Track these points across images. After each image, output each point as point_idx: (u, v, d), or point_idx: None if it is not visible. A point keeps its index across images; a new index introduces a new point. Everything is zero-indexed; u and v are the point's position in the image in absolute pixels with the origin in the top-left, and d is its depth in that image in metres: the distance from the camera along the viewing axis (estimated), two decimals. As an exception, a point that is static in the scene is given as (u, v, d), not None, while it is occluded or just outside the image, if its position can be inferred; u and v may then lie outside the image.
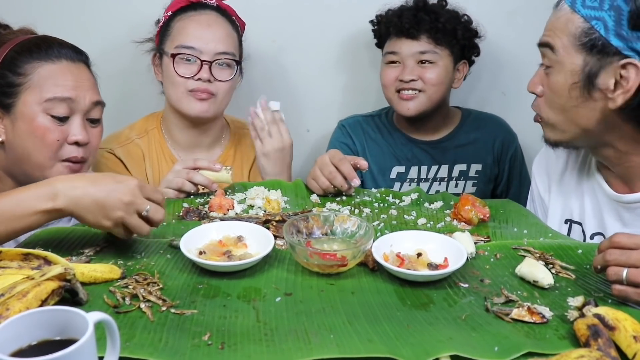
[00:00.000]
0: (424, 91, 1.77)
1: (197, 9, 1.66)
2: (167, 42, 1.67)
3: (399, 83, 1.78)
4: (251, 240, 1.15)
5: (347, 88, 2.09)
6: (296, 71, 2.04)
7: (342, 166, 1.43)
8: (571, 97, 1.20)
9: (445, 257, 1.09)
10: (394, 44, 1.79)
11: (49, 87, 1.32)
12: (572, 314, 0.94)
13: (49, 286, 0.90)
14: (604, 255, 1.00)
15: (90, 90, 1.38)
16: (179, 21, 1.66)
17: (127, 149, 1.71)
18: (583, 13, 1.16)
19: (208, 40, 1.62)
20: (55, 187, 1.06)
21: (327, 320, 0.93)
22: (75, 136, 1.34)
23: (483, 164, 1.89)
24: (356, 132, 1.91)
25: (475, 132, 1.90)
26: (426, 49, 1.76)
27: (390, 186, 1.88)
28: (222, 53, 1.64)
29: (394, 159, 1.89)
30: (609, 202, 1.30)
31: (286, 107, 2.05)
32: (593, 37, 1.15)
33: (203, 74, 1.62)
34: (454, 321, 0.94)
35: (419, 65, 1.77)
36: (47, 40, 1.38)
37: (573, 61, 1.18)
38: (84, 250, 1.13)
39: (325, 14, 1.99)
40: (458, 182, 1.89)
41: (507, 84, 2.06)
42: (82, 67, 1.39)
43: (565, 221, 1.39)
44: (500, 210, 1.39)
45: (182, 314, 0.94)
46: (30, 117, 1.31)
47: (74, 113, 1.34)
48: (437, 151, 1.89)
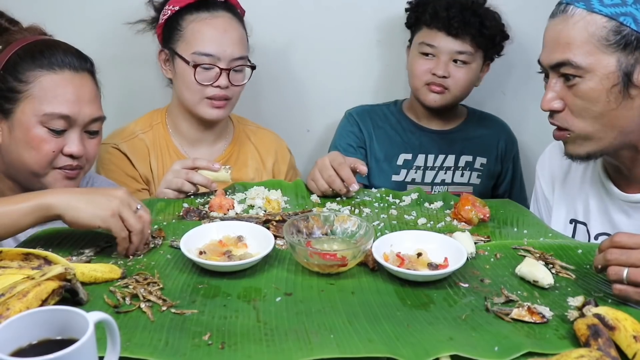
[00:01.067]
0: (451, 89, 1.79)
1: (209, 10, 1.63)
2: (180, 44, 1.64)
3: (430, 76, 1.78)
4: (251, 240, 1.15)
5: (348, 88, 2.09)
6: (296, 71, 2.04)
7: (341, 171, 1.43)
8: (610, 101, 1.15)
9: (446, 257, 1.09)
10: (433, 37, 1.77)
11: (49, 101, 1.30)
12: (572, 313, 0.94)
13: (49, 286, 0.90)
14: (605, 255, 1.00)
15: (92, 104, 1.35)
16: (192, 23, 1.63)
17: (132, 143, 1.70)
18: (606, 12, 1.12)
19: (225, 46, 1.62)
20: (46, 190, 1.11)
21: (327, 320, 0.93)
22: (70, 149, 1.33)
23: (488, 158, 1.92)
24: (364, 120, 1.92)
25: (482, 129, 1.93)
26: (465, 50, 1.76)
27: (396, 172, 1.89)
28: (238, 58, 1.64)
29: (401, 146, 1.90)
30: (616, 203, 1.29)
31: (287, 107, 2.06)
32: (625, 34, 1.12)
33: (222, 81, 1.62)
34: (454, 321, 0.94)
35: (452, 62, 1.77)
36: (52, 46, 1.35)
37: (605, 64, 1.14)
38: (84, 250, 1.13)
39: (326, 14, 1.99)
40: (464, 172, 1.91)
41: (507, 84, 2.06)
42: (86, 78, 1.36)
43: (570, 221, 1.39)
44: (500, 210, 1.39)
45: (183, 314, 0.94)
46: (27, 127, 1.30)
47: (71, 127, 1.33)
48: (445, 141, 1.90)
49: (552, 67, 1.19)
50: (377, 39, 1.92)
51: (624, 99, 1.15)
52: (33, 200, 1.08)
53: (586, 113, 1.18)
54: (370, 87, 2.09)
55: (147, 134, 1.73)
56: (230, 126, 1.83)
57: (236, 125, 1.84)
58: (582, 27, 1.14)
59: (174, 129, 1.75)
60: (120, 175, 1.66)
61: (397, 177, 1.89)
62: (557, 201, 1.42)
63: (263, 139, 1.84)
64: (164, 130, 1.75)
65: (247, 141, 1.83)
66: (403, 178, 1.89)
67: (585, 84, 1.16)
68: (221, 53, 1.61)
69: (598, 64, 1.14)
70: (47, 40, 1.39)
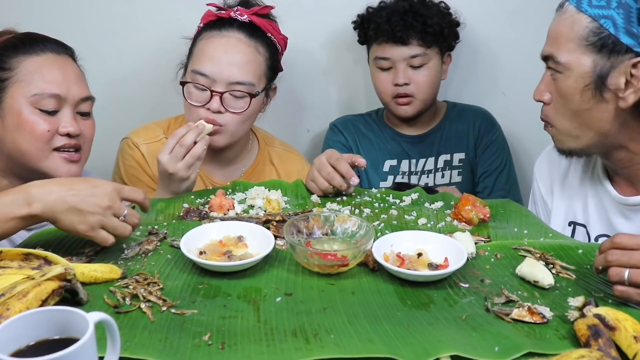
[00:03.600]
0: (416, 96, 1.80)
1: (221, 29, 1.57)
2: (190, 61, 1.60)
3: (394, 88, 1.80)
4: (251, 240, 1.15)
5: (348, 88, 2.09)
6: (296, 71, 2.04)
7: (339, 166, 1.43)
8: (583, 101, 1.18)
9: (446, 257, 1.09)
10: (384, 49, 1.79)
11: (36, 82, 1.31)
12: (573, 314, 0.94)
13: (49, 286, 0.90)
14: (606, 256, 1.00)
15: (78, 83, 1.37)
16: (201, 40, 1.59)
17: (154, 147, 1.62)
18: (590, 12, 1.14)
19: (222, 68, 1.53)
20: (30, 193, 1.04)
21: (327, 320, 0.93)
22: (65, 128, 1.33)
23: (465, 152, 1.92)
24: (348, 130, 1.94)
25: (457, 123, 1.93)
26: (417, 53, 1.77)
27: (383, 179, 1.91)
28: (237, 83, 1.53)
29: (385, 154, 1.93)
30: (615, 205, 1.29)
31: (286, 107, 2.06)
32: (602, 36, 1.13)
33: (213, 105, 1.52)
34: (454, 321, 0.94)
35: (410, 68, 1.78)
36: (31, 35, 1.39)
37: (582, 63, 1.16)
38: (84, 250, 1.13)
39: (325, 13, 1.99)
40: (444, 173, 1.92)
41: (507, 84, 2.06)
42: (68, 60, 1.39)
43: (569, 223, 1.38)
44: (500, 211, 1.39)
45: (183, 314, 0.94)
46: (18, 112, 1.31)
47: (62, 107, 1.34)
48: (423, 145, 1.92)
49: (543, 59, 1.23)
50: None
51: (597, 101, 1.17)
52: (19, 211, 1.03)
53: (563, 110, 1.21)
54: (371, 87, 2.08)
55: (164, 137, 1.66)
56: (255, 146, 1.75)
57: (262, 146, 1.76)
58: (569, 24, 1.17)
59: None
60: (138, 171, 1.64)
61: (385, 184, 1.89)
62: (556, 203, 1.42)
63: (287, 162, 1.77)
64: None
65: (269, 164, 1.75)
66: (390, 184, 1.89)
67: (564, 80, 1.19)
68: (216, 74, 1.52)
69: (576, 63, 1.17)
70: (25, 32, 1.42)
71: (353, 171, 1.43)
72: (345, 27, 2.00)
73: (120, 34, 1.97)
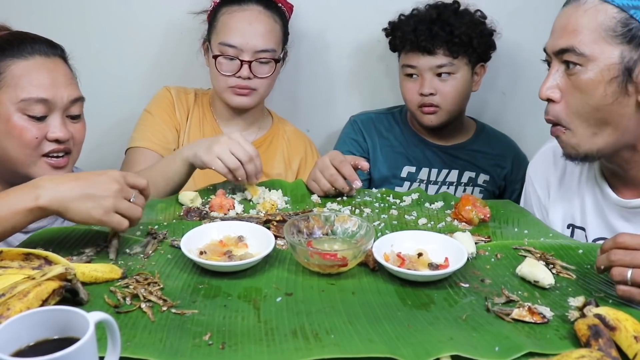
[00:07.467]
0: (442, 106, 1.77)
1: (241, 3, 1.72)
2: (213, 35, 1.74)
3: (420, 97, 1.77)
4: (252, 240, 1.15)
5: (348, 88, 2.09)
6: (296, 71, 2.04)
7: (343, 168, 1.43)
8: (606, 95, 1.13)
9: (446, 257, 1.09)
10: (411, 58, 1.77)
11: (24, 86, 1.28)
12: (573, 314, 0.94)
13: (49, 286, 0.90)
14: (608, 256, 0.99)
15: (68, 86, 1.34)
16: (223, 15, 1.73)
17: (184, 93, 1.84)
18: (618, 2, 1.11)
19: (249, 38, 1.68)
20: (37, 186, 1.05)
21: (327, 320, 0.93)
22: (54, 133, 1.31)
23: (491, 176, 1.90)
24: (368, 129, 1.91)
25: (488, 147, 1.91)
26: (443, 63, 1.73)
27: (399, 185, 1.88)
28: (262, 51, 1.70)
29: (405, 159, 1.89)
30: (614, 208, 1.28)
31: (286, 106, 2.06)
32: (632, 27, 1.10)
33: (243, 72, 1.69)
34: (454, 321, 0.94)
35: (437, 77, 1.75)
36: (19, 36, 1.34)
37: (608, 55, 1.12)
38: (85, 250, 1.13)
39: (326, 14, 1.99)
40: (466, 188, 1.89)
41: (507, 84, 2.06)
42: (58, 62, 1.35)
43: (567, 226, 1.38)
44: (500, 211, 1.39)
45: (183, 314, 0.94)
46: (6, 117, 1.28)
47: (52, 112, 1.31)
48: (449, 156, 1.89)
49: (556, 53, 1.18)
50: (378, 39, 1.92)
51: (621, 95, 1.13)
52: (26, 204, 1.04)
53: (581, 106, 1.16)
54: (372, 87, 2.09)
55: (194, 98, 1.85)
56: (269, 120, 1.91)
57: (275, 122, 1.91)
58: (592, 14, 1.13)
59: (213, 104, 1.85)
60: (162, 117, 1.78)
61: (400, 190, 1.85)
62: (553, 206, 1.41)
63: (296, 141, 1.89)
64: (207, 103, 1.86)
65: (282, 138, 1.89)
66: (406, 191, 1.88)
67: (585, 73, 1.14)
68: (244, 45, 1.68)
69: (601, 54, 1.13)
70: (13, 32, 1.38)
71: (356, 175, 1.43)
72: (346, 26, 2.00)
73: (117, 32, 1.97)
